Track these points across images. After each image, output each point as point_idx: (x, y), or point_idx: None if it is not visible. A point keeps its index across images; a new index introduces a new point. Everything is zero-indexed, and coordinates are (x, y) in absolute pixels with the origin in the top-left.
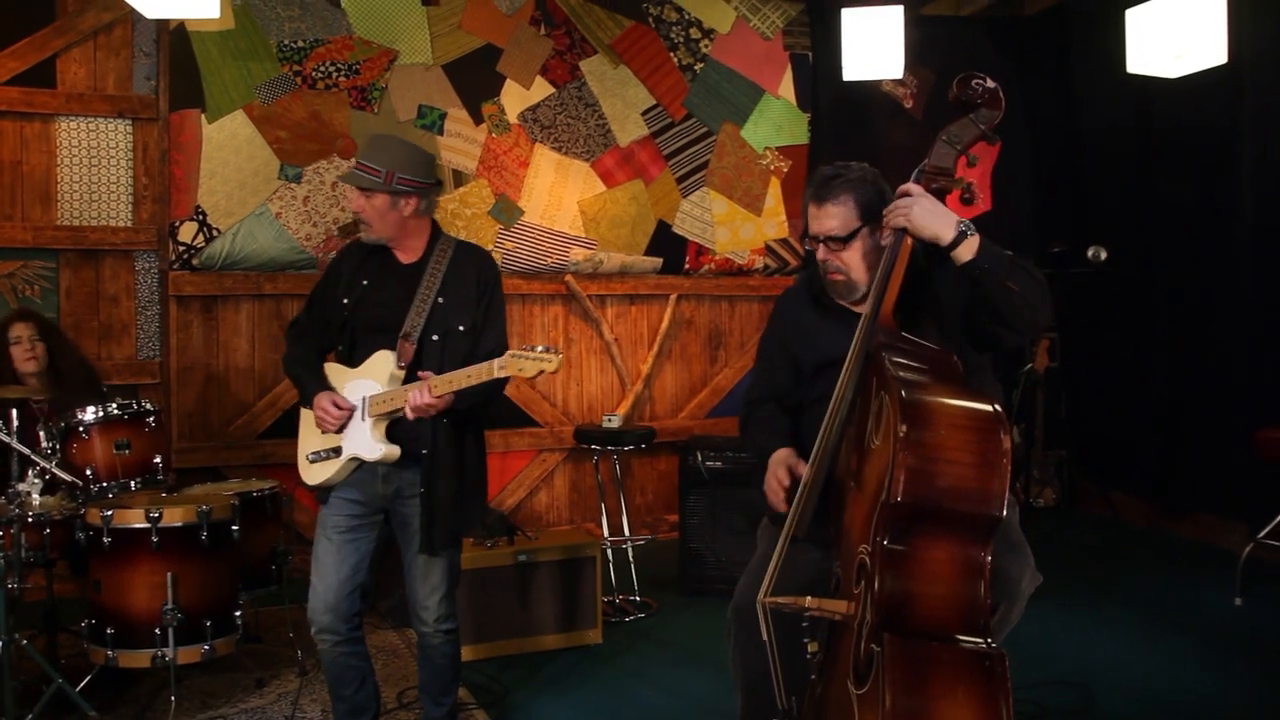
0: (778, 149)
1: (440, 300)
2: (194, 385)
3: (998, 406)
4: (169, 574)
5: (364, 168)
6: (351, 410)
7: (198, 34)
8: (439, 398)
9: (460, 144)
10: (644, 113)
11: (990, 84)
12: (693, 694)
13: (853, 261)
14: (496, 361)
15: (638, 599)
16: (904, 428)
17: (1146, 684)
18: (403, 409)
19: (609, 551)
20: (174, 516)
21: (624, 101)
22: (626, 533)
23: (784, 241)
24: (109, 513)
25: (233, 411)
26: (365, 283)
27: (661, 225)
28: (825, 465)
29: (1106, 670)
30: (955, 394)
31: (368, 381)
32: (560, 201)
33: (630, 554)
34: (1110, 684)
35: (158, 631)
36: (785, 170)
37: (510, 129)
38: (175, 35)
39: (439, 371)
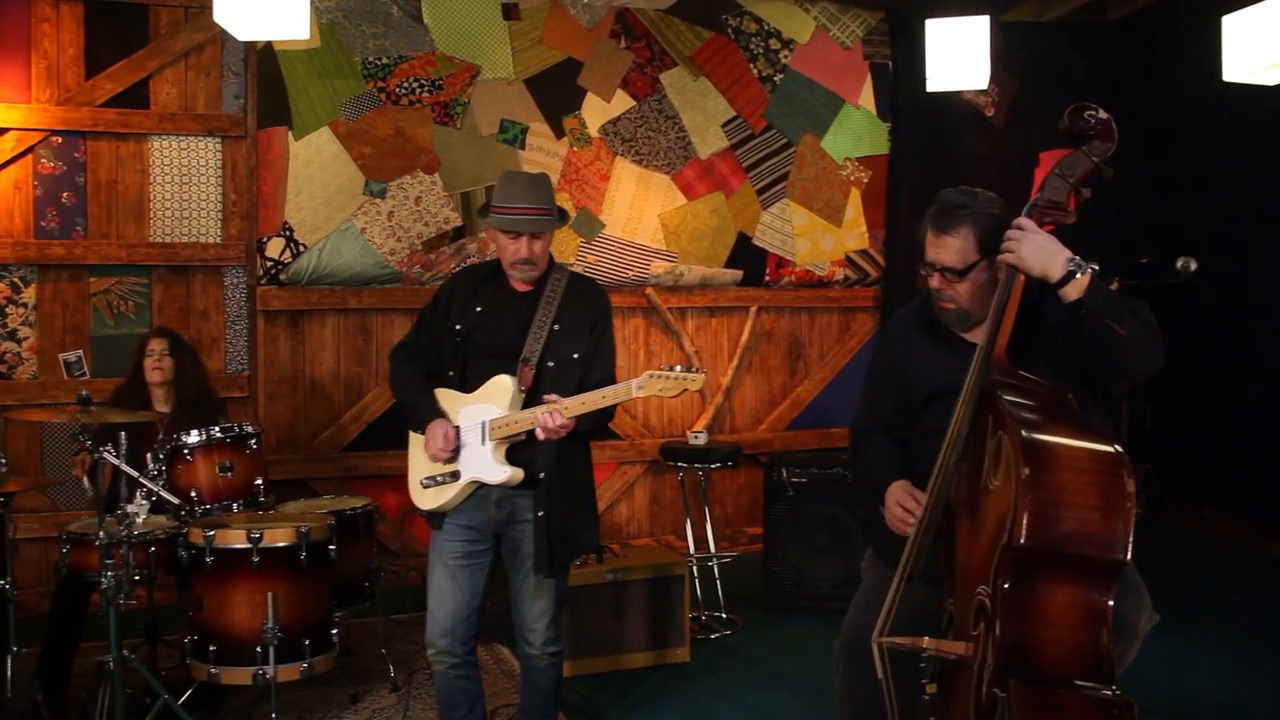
0: (858, 159)
1: (556, 328)
2: (281, 398)
3: (1119, 448)
4: (269, 593)
5: (535, 211)
6: (458, 446)
7: (285, 53)
8: (571, 419)
9: (542, 158)
10: (724, 124)
11: (1103, 115)
12: (780, 713)
13: (965, 294)
14: (635, 381)
15: (723, 615)
16: (1026, 470)
17: (1244, 712)
18: (523, 434)
19: (694, 568)
20: (274, 537)
21: (704, 113)
22: (711, 549)
23: (864, 253)
24: (211, 532)
25: (318, 425)
26: (479, 309)
27: (742, 237)
28: (941, 503)
29: (1202, 698)
30: (1076, 435)
31: (487, 406)
32: (641, 214)
33: (716, 570)
34: (1206, 713)
35: (258, 649)
36: (865, 181)
37: (591, 142)
38: (263, 55)
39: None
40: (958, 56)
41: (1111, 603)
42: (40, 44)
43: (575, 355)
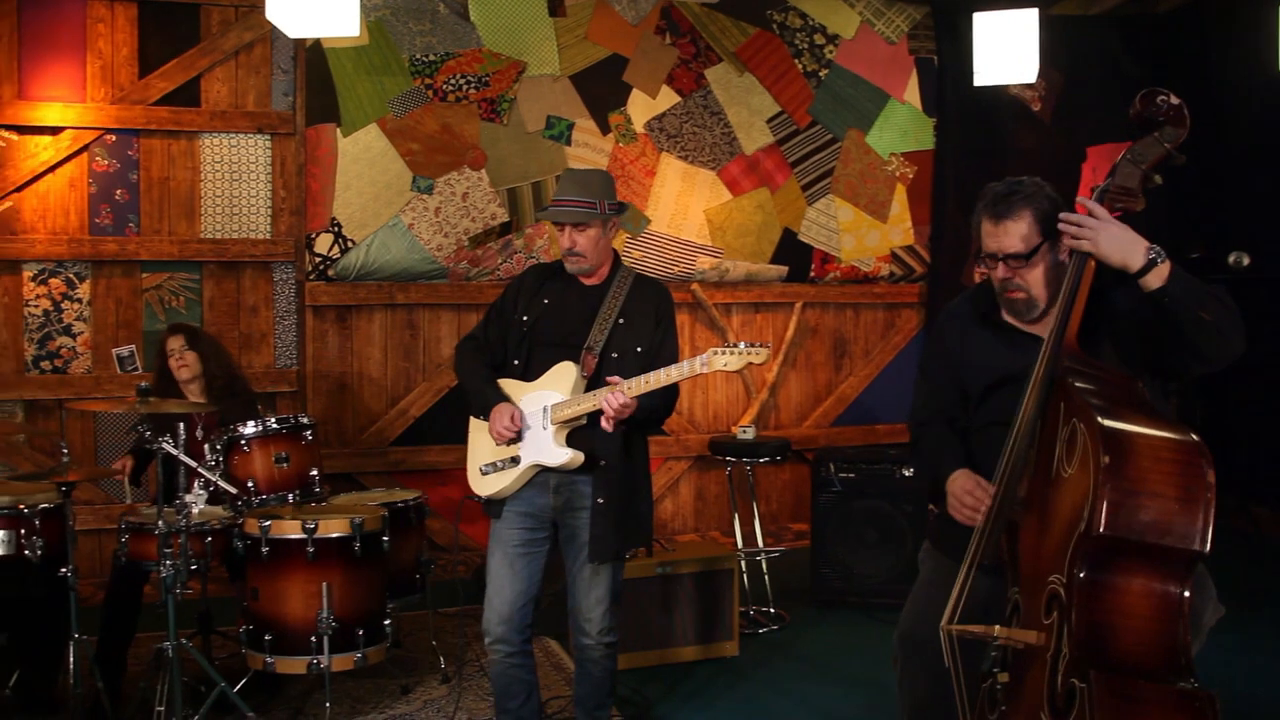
0: (903, 155)
1: (620, 321)
2: (329, 393)
3: (1199, 438)
4: (324, 583)
5: (575, 203)
6: (521, 430)
7: (333, 50)
8: (634, 399)
9: (588, 154)
10: (769, 120)
11: (1175, 100)
12: (830, 708)
13: (1034, 279)
14: (699, 358)
15: (771, 610)
16: (1107, 458)
17: None
18: (584, 419)
19: (742, 562)
20: (329, 528)
21: (749, 109)
22: (759, 543)
23: (910, 249)
24: (267, 523)
25: (365, 419)
26: (546, 301)
27: (787, 233)
28: (1010, 492)
29: (1259, 697)
30: (1154, 424)
31: (549, 391)
32: (686, 210)
33: (764, 565)
34: (1263, 713)
35: (313, 639)
36: (911, 176)
37: (637, 138)
38: (312, 52)
39: None
40: (1006, 50)
41: (1188, 594)
42: (95, 44)
43: (639, 349)
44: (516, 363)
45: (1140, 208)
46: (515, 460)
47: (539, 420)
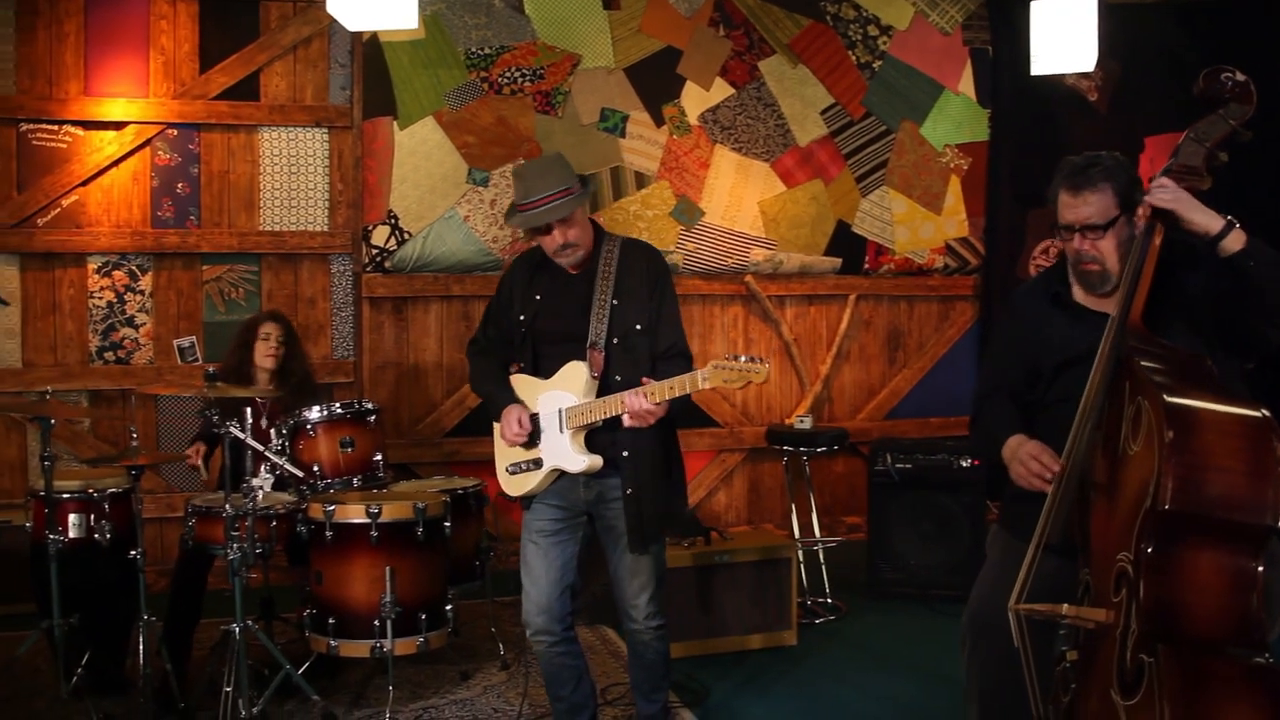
0: (957, 146)
1: (616, 303)
2: (385, 384)
3: (1267, 413)
4: (387, 567)
5: (555, 196)
6: (530, 430)
7: (390, 44)
8: (661, 405)
9: (642, 146)
10: (823, 112)
11: (1240, 77)
12: (890, 696)
13: (1109, 251)
14: (700, 373)
15: (828, 601)
16: (1170, 434)
17: None
18: (599, 421)
19: (799, 552)
20: (393, 512)
21: (803, 101)
22: (816, 534)
23: (964, 241)
24: (331, 507)
25: (421, 410)
26: (538, 297)
27: (841, 225)
28: (1076, 471)
29: None
30: (1220, 399)
31: (562, 393)
32: (740, 202)
33: (821, 556)
34: None
35: (376, 623)
36: (965, 168)
37: (691, 130)
38: (369, 46)
39: (627, 375)
40: (1063, 38)
41: (1261, 569)
42: (158, 40)
43: (639, 326)
44: (524, 362)
45: (1206, 186)
46: (538, 463)
47: (555, 424)
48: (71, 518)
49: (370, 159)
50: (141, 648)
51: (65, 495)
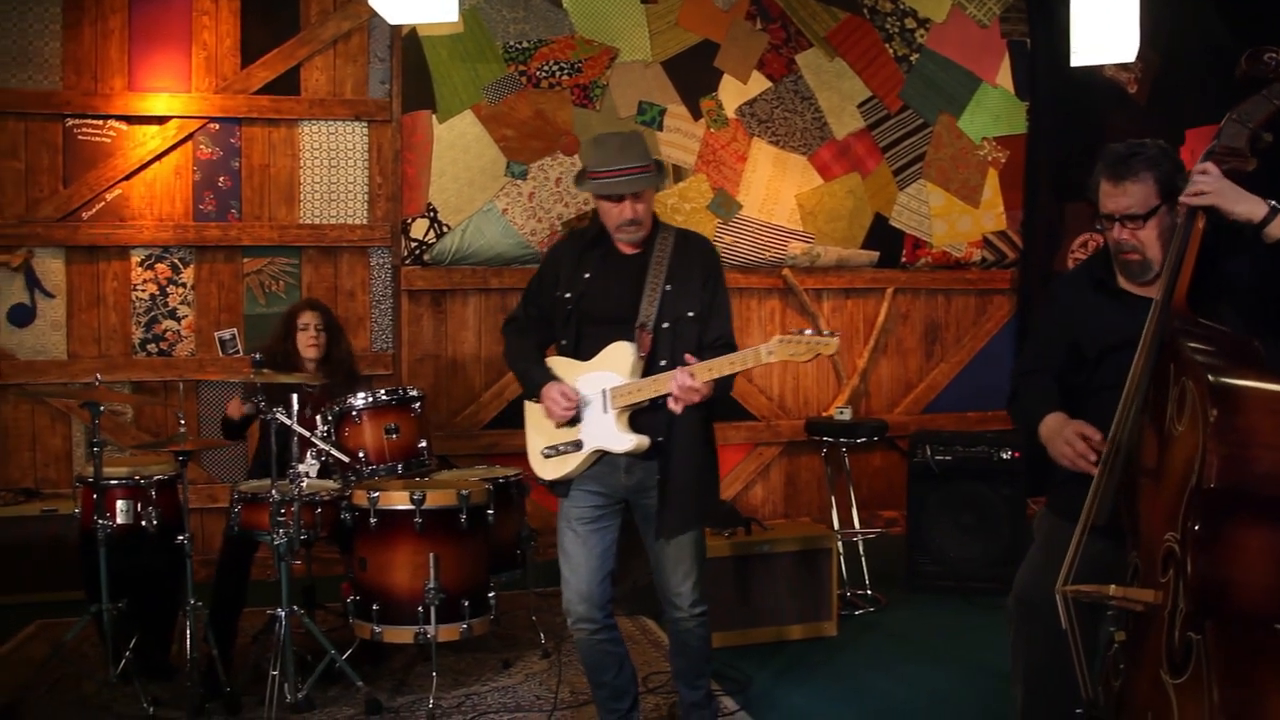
0: (995, 139)
1: (668, 288)
2: (424, 376)
3: None
4: (431, 554)
5: (635, 170)
6: (578, 401)
7: (429, 39)
8: (705, 384)
9: (680, 139)
10: (860, 105)
11: None
12: (931, 686)
13: (1149, 240)
14: (764, 347)
15: (867, 593)
16: (1214, 412)
17: None
18: (645, 401)
19: (839, 544)
20: (436, 499)
21: (840, 94)
22: (856, 526)
23: (1002, 234)
24: (375, 494)
25: (460, 402)
26: (587, 275)
27: (878, 218)
28: (1122, 453)
29: None
30: (1265, 378)
31: (607, 374)
32: (778, 195)
33: (860, 547)
34: None
35: (420, 609)
36: (1003, 161)
37: (728, 123)
38: (408, 41)
39: (672, 360)
40: (1104, 29)
41: None
42: (200, 35)
43: (690, 314)
44: (565, 342)
45: (1251, 167)
46: (578, 445)
47: (598, 404)
48: (119, 504)
49: (409, 152)
50: (189, 632)
51: (113, 482)
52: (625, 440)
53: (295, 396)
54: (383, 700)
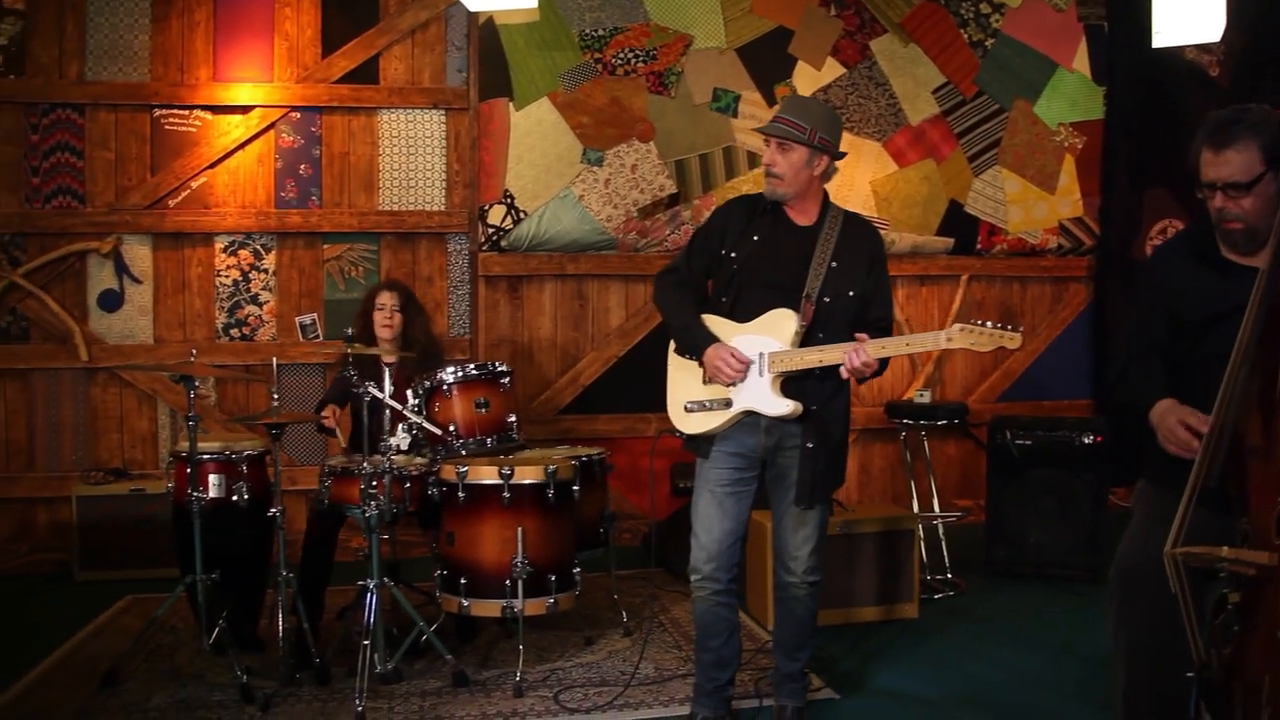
0: (1072, 125)
1: (834, 265)
2: (500, 361)
3: None
4: (519, 528)
5: (788, 122)
6: (748, 364)
7: (505, 27)
8: (876, 360)
9: (754, 126)
10: (934, 91)
11: None
12: (1018, 667)
13: (1253, 209)
14: (944, 333)
15: (948, 577)
16: None
17: None
18: (799, 370)
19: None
20: (524, 474)
21: (914, 80)
22: (936, 509)
23: (1078, 221)
24: (464, 469)
25: (536, 388)
26: (756, 238)
27: (953, 205)
28: (1230, 419)
29: None
30: None
31: (766, 338)
32: (852, 182)
33: (940, 531)
34: None
35: (507, 583)
36: (1080, 147)
37: None
38: (484, 29)
39: (830, 334)
40: (1187, 8)
41: None
42: (282, 26)
43: (850, 293)
44: (725, 299)
45: None
46: (727, 403)
47: (756, 366)
48: (211, 478)
49: (486, 139)
50: (280, 604)
51: (205, 456)
52: (781, 405)
53: (386, 371)
54: (469, 673)
